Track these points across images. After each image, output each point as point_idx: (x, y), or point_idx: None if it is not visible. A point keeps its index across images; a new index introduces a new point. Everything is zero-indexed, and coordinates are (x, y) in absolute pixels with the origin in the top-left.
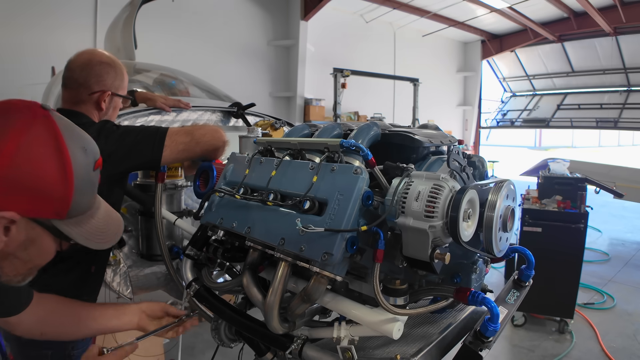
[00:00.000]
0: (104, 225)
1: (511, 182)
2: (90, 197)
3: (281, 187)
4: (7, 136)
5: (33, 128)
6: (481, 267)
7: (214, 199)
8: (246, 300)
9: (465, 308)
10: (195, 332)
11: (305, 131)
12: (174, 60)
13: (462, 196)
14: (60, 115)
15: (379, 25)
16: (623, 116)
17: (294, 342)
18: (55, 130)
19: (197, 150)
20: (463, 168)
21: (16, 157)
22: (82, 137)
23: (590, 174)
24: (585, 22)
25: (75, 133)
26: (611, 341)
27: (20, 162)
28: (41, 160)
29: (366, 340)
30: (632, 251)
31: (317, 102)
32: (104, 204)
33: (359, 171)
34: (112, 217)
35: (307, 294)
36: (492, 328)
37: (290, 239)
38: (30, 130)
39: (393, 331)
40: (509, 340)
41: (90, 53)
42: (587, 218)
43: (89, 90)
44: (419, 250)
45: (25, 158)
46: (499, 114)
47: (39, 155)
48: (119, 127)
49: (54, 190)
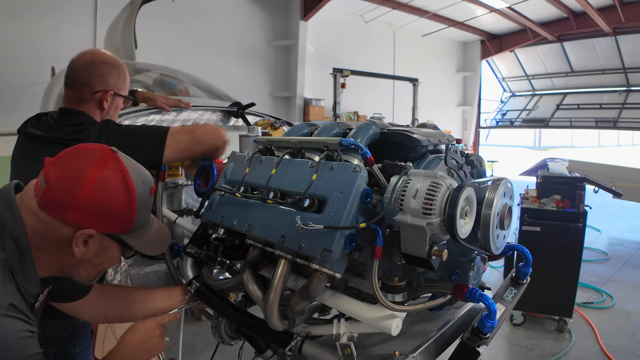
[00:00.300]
0: (156, 237)
1: (508, 181)
2: (147, 215)
3: (281, 186)
4: (87, 173)
5: (107, 166)
6: (479, 265)
7: (214, 197)
8: (246, 298)
9: (463, 305)
10: (195, 331)
11: (305, 130)
12: (174, 60)
13: (459, 194)
14: (124, 154)
15: (378, 25)
16: (622, 116)
17: (293, 339)
18: (123, 168)
19: (198, 149)
20: (460, 166)
21: (96, 188)
22: (141, 171)
23: (590, 173)
24: (585, 22)
25: (136, 169)
26: (610, 340)
27: (98, 192)
28: (114, 191)
29: (365, 337)
30: (631, 250)
31: (316, 102)
32: (157, 220)
33: (358, 169)
34: (162, 231)
35: (307, 291)
36: (490, 324)
37: (290, 236)
38: (105, 168)
39: (392, 327)
40: (508, 339)
41: (94, 53)
42: (586, 217)
43: (92, 90)
44: (416, 247)
45: (102, 189)
46: (499, 113)
47: (112, 187)
48: (121, 126)
49: (122, 213)
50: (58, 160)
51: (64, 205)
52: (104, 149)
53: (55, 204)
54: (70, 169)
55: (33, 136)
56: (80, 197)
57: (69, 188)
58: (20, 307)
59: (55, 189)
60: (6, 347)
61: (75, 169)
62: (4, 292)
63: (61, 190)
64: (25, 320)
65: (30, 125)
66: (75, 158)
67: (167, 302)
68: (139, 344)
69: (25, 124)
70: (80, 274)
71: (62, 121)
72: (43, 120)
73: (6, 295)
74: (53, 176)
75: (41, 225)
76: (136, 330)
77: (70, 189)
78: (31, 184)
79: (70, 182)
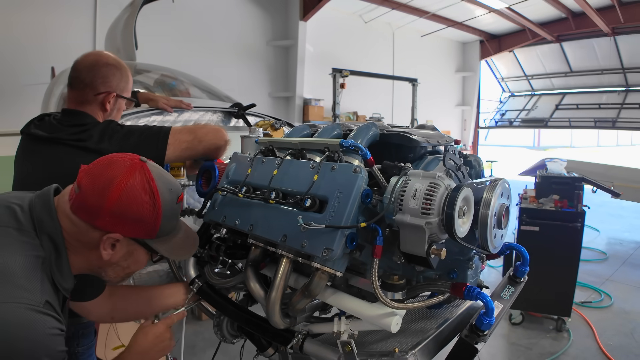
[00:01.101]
0: (183, 243)
1: (506, 181)
2: (174, 222)
3: (283, 186)
4: (116, 181)
5: (134, 175)
6: (477, 264)
7: (216, 197)
8: (248, 296)
9: (462, 304)
10: (196, 331)
11: (306, 131)
12: (174, 61)
13: (457, 194)
14: (154, 163)
15: (377, 26)
16: (621, 116)
17: (295, 337)
18: (149, 177)
19: (200, 148)
20: (459, 167)
21: (123, 196)
22: (169, 180)
23: (588, 173)
24: (584, 22)
25: (163, 178)
26: (608, 339)
27: (126, 199)
28: (140, 198)
29: (366, 334)
30: (630, 250)
31: (316, 102)
32: (185, 226)
33: (358, 170)
34: (189, 236)
35: (308, 289)
36: (487, 322)
37: (291, 235)
38: (132, 176)
39: (391, 325)
40: (507, 338)
41: (97, 55)
42: (584, 217)
43: (95, 91)
44: (416, 246)
45: (129, 197)
46: (498, 114)
47: (139, 195)
48: (123, 126)
49: (148, 219)
50: (91, 168)
51: (94, 210)
52: (133, 159)
53: (86, 208)
54: (101, 176)
55: (36, 137)
56: (109, 203)
57: (98, 194)
58: (55, 305)
59: (86, 194)
60: (37, 342)
61: (105, 176)
62: (42, 290)
63: (91, 196)
64: (57, 319)
65: (34, 125)
66: (106, 166)
67: (172, 299)
68: (150, 346)
69: (29, 125)
70: (109, 275)
71: (65, 122)
72: (46, 121)
73: (44, 292)
74: (85, 183)
75: (74, 228)
76: (148, 332)
77: (100, 196)
78: (67, 189)
79: (100, 189)
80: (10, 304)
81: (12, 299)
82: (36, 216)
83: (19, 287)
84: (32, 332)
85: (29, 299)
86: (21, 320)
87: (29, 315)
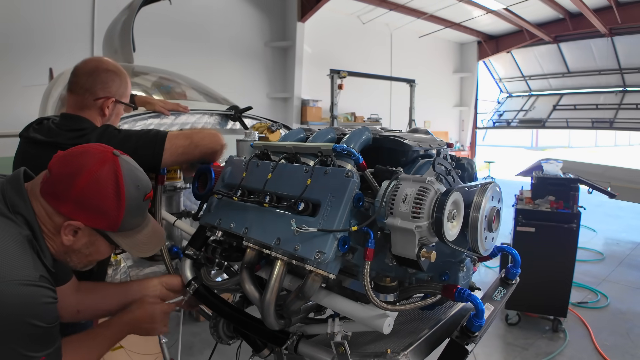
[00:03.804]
0: (147, 240)
1: (496, 184)
2: (139, 218)
3: (277, 190)
4: (84, 171)
5: (103, 167)
6: (468, 266)
7: (212, 200)
8: (243, 298)
9: (454, 305)
10: (194, 331)
11: (301, 135)
12: (172, 63)
13: (447, 198)
14: (127, 159)
15: (375, 27)
16: (619, 116)
17: (289, 338)
18: (118, 171)
19: (196, 153)
20: (449, 171)
21: (88, 186)
22: (138, 177)
23: (586, 174)
24: (581, 23)
25: (133, 174)
26: (604, 339)
27: (90, 190)
28: (104, 190)
29: (359, 335)
30: (627, 250)
31: (314, 103)
32: (152, 223)
33: (351, 174)
34: (156, 234)
35: (302, 291)
36: (478, 323)
37: (285, 238)
38: (101, 168)
39: (383, 326)
40: (503, 338)
41: (97, 60)
42: (580, 218)
43: (94, 96)
44: (406, 249)
45: (94, 188)
46: (495, 114)
47: (103, 187)
48: (120, 131)
49: (110, 212)
50: (64, 155)
51: (59, 196)
52: (105, 151)
53: (53, 193)
54: (71, 164)
55: (34, 140)
56: (74, 191)
57: (66, 181)
58: (48, 277)
59: (55, 180)
60: (35, 310)
61: (75, 165)
62: (35, 266)
63: (59, 182)
64: (51, 289)
65: (32, 129)
66: (78, 155)
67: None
68: (140, 318)
69: (27, 128)
70: (73, 260)
71: (63, 126)
72: (45, 125)
73: (37, 268)
74: (55, 168)
75: (42, 210)
76: (144, 306)
77: (67, 183)
78: (42, 173)
79: (68, 176)
80: (9, 282)
81: (9, 278)
82: (9, 200)
83: (13, 266)
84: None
85: (25, 275)
86: (20, 294)
87: (26, 290)
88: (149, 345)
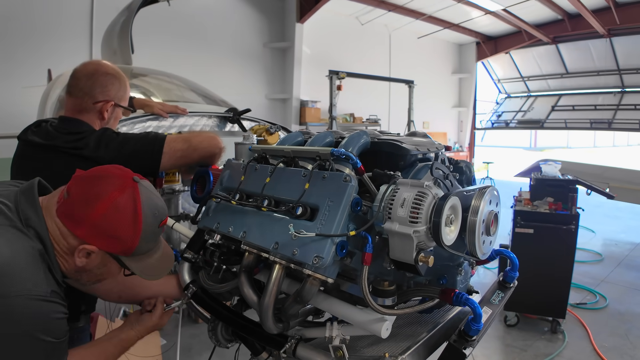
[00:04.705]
0: (157, 264)
1: (494, 188)
2: (152, 243)
3: (275, 194)
4: (104, 197)
5: (123, 195)
6: (466, 269)
7: (210, 204)
8: (242, 301)
9: (452, 309)
10: (193, 334)
11: (299, 139)
12: (171, 64)
13: (444, 203)
14: (146, 184)
15: (374, 28)
16: (617, 117)
17: (288, 342)
18: (137, 199)
19: (195, 156)
20: (446, 175)
21: (106, 212)
22: (155, 205)
23: (584, 175)
24: (579, 23)
25: (151, 201)
26: (603, 341)
27: (108, 216)
28: (123, 219)
29: (357, 339)
30: (625, 251)
31: (312, 104)
32: (163, 247)
33: (349, 179)
34: (166, 259)
35: (301, 295)
36: (475, 327)
37: (283, 243)
38: (121, 195)
39: (381, 330)
40: (502, 340)
41: (97, 64)
42: (578, 219)
43: (93, 99)
44: (404, 254)
45: (112, 214)
46: (494, 115)
47: (122, 215)
48: (119, 134)
49: (126, 239)
50: (84, 177)
51: (77, 220)
52: (126, 177)
53: (70, 216)
54: (91, 188)
55: (33, 143)
56: (92, 216)
57: (84, 206)
58: (60, 292)
59: (73, 202)
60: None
61: (95, 190)
62: (47, 281)
63: (78, 206)
64: (61, 304)
65: (31, 132)
66: (98, 180)
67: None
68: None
69: (26, 131)
70: (83, 279)
71: (62, 129)
72: (43, 128)
73: (49, 283)
74: (74, 191)
75: (56, 230)
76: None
77: (85, 207)
78: (58, 190)
79: (87, 201)
80: (20, 296)
81: (20, 292)
82: (22, 212)
83: (25, 279)
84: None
85: (37, 291)
86: (31, 308)
87: (37, 305)
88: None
